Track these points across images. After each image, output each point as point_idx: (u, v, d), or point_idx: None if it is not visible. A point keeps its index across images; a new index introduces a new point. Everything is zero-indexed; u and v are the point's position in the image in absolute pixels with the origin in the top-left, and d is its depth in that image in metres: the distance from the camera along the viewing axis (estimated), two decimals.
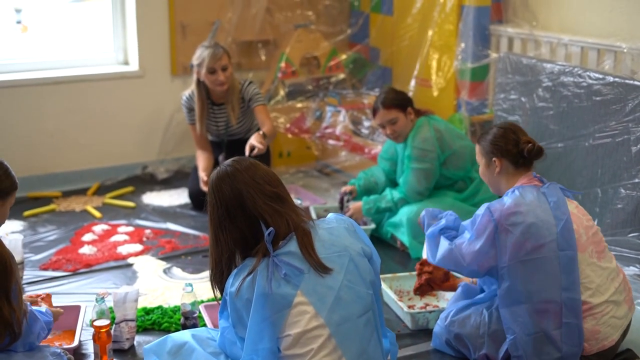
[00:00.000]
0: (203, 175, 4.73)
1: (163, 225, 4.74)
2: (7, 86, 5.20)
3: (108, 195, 5.22)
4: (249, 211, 2.52)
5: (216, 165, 4.40)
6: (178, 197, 5.20)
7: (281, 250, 2.49)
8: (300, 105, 5.67)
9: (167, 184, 5.47)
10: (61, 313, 3.16)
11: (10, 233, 4.13)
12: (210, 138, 5.03)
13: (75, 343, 3.18)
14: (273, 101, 5.64)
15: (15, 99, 5.20)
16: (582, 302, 2.93)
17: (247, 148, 4.39)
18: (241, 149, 4.65)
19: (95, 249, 4.32)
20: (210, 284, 2.67)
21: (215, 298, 2.69)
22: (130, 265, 4.18)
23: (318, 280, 2.46)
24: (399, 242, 4.36)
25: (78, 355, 3.21)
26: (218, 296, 2.65)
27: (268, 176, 2.60)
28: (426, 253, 3.26)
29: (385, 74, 5.82)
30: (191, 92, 4.88)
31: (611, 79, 4.07)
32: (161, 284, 3.94)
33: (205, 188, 4.68)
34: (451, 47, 5.15)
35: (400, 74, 5.63)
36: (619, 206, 3.98)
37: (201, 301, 3.59)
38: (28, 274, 3.98)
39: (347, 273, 2.51)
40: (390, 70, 5.78)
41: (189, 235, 4.59)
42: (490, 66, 5.05)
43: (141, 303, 3.62)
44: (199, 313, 3.40)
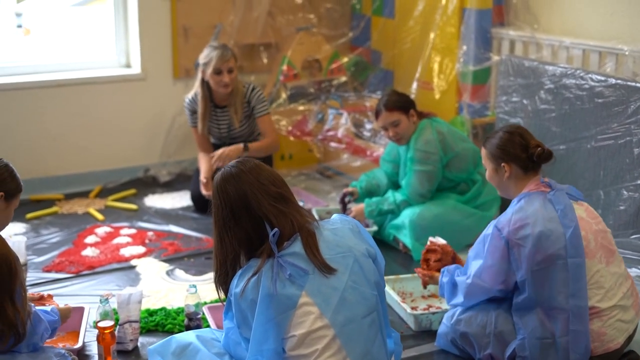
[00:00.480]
0: (203, 178, 4.74)
1: (165, 227, 4.74)
2: (10, 89, 5.21)
3: (110, 197, 5.22)
4: (254, 212, 2.53)
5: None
6: (180, 200, 5.21)
7: (286, 251, 2.49)
8: (302, 108, 5.67)
9: (169, 187, 5.47)
10: (70, 311, 3.16)
11: (13, 235, 4.14)
12: (212, 140, 5.03)
13: (79, 344, 3.18)
14: (275, 104, 5.65)
15: (17, 102, 5.21)
16: (591, 307, 2.93)
17: (214, 165, 4.62)
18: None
19: (98, 251, 4.33)
20: (214, 285, 2.67)
21: (219, 299, 2.69)
22: (133, 267, 4.18)
23: (323, 281, 2.47)
24: (401, 244, 4.36)
25: (82, 356, 3.22)
26: (222, 297, 2.65)
27: (272, 177, 2.60)
28: (447, 298, 3.27)
29: (387, 77, 5.83)
30: (194, 95, 4.88)
31: (613, 81, 4.07)
32: (164, 286, 3.94)
33: (205, 192, 4.69)
34: (453, 50, 5.16)
35: (401, 77, 5.64)
36: (622, 208, 3.99)
37: (204, 302, 3.59)
38: (31, 276, 3.98)
39: (352, 274, 2.51)
40: (391, 73, 5.79)
41: (192, 237, 4.59)
42: (492, 69, 5.06)
43: (144, 305, 3.62)
44: (203, 314, 3.41)
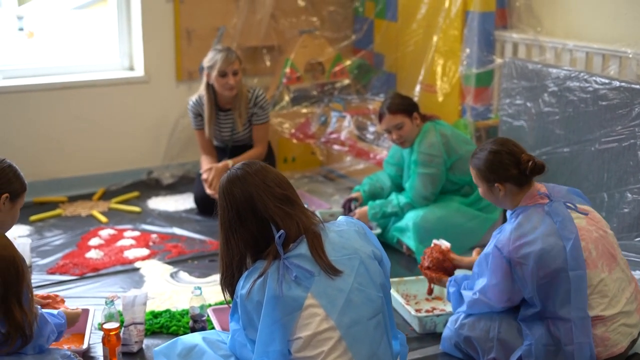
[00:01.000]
0: (205, 175, 4.78)
1: (169, 229, 4.74)
2: (14, 91, 5.21)
3: (114, 200, 5.23)
4: (260, 214, 2.53)
5: None
6: (183, 202, 5.21)
7: (292, 252, 2.50)
8: (305, 110, 5.68)
9: (173, 189, 5.47)
10: (78, 315, 3.16)
11: (17, 237, 4.14)
12: (215, 143, 5.04)
13: (84, 346, 3.19)
14: (278, 106, 5.65)
15: (21, 104, 5.21)
16: (595, 317, 2.92)
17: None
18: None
19: (102, 254, 4.33)
20: (219, 287, 2.68)
21: (225, 301, 2.69)
22: (137, 269, 4.18)
23: (328, 282, 2.47)
24: (405, 247, 4.36)
25: (87, 358, 3.22)
26: (228, 299, 2.65)
27: (278, 179, 2.60)
28: (453, 306, 3.28)
29: (389, 80, 5.83)
30: (198, 97, 4.89)
31: (617, 84, 4.07)
32: (168, 288, 3.94)
33: (209, 191, 4.71)
34: (456, 53, 5.16)
35: (404, 80, 5.64)
36: (625, 210, 3.99)
37: (209, 305, 3.59)
38: (36, 278, 3.98)
39: (358, 276, 2.51)
40: (394, 75, 5.79)
41: (195, 239, 4.59)
42: (495, 71, 5.06)
43: (149, 307, 3.62)
44: (207, 316, 3.41)
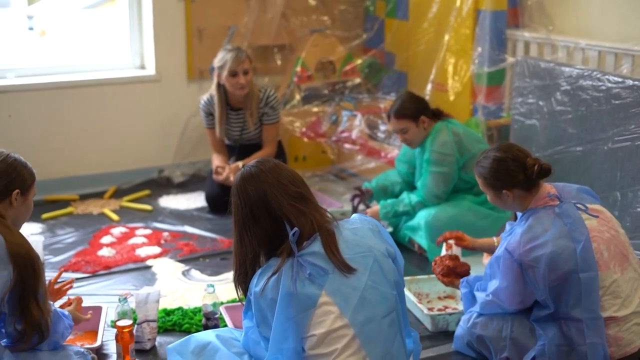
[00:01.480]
0: (216, 167, 4.84)
1: (180, 228, 4.75)
2: (25, 90, 5.22)
3: (125, 198, 5.24)
4: (274, 212, 2.53)
5: None
6: (194, 201, 5.22)
7: (305, 250, 2.49)
8: (316, 109, 5.68)
9: (183, 188, 5.48)
10: (86, 319, 3.16)
11: (30, 235, 4.15)
12: (226, 142, 5.04)
13: (97, 343, 3.20)
14: (289, 105, 5.65)
15: (33, 103, 5.23)
16: (608, 318, 2.91)
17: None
18: (254, 153, 4.81)
19: (114, 251, 4.34)
20: (232, 285, 2.68)
21: (238, 299, 2.68)
22: (149, 267, 4.19)
23: (342, 280, 2.46)
24: (417, 246, 4.36)
25: (100, 355, 3.22)
26: (241, 296, 2.65)
27: (292, 177, 2.60)
28: (465, 307, 3.29)
29: (400, 79, 5.83)
30: (209, 96, 4.90)
31: (630, 82, 4.06)
32: (181, 286, 3.95)
33: (219, 178, 4.73)
34: (467, 52, 5.15)
35: (415, 79, 5.64)
36: (639, 209, 3.98)
37: (221, 302, 3.59)
38: (48, 276, 3.95)
39: (372, 273, 2.51)
40: (405, 74, 5.79)
41: (207, 238, 4.60)
42: (506, 70, 5.05)
43: (161, 304, 3.62)
44: (220, 314, 3.41)
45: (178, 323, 3.52)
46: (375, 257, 2.53)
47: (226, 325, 3.34)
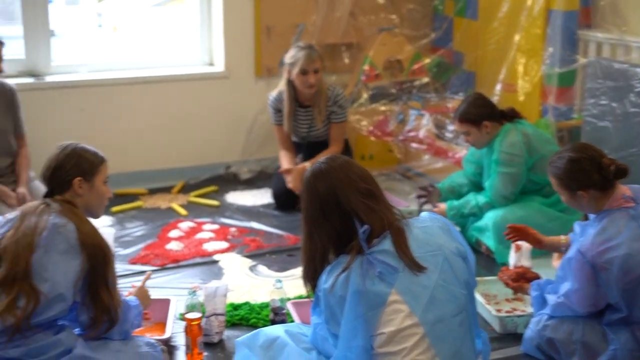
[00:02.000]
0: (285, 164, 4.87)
1: (247, 224, 4.78)
2: (96, 85, 5.33)
3: (192, 193, 5.29)
4: (344, 208, 2.52)
5: None
6: (261, 197, 5.25)
7: (375, 248, 2.48)
8: (383, 108, 5.67)
9: (250, 184, 5.52)
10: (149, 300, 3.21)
11: (102, 227, 4.21)
12: (293, 139, 5.07)
13: (167, 335, 3.24)
14: (356, 104, 5.66)
15: (103, 98, 5.32)
16: None
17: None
18: (321, 151, 4.79)
19: (182, 245, 4.39)
20: (298, 281, 2.69)
21: (306, 294, 2.69)
22: (216, 262, 4.23)
23: (412, 279, 2.45)
24: (484, 247, 4.32)
25: (169, 347, 3.26)
26: (309, 292, 2.66)
27: (362, 174, 2.61)
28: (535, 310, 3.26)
29: (469, 78, 5.78)
30: (278, 93, 4.93)
31: None
32: (247, 281, 3.97)
33: (289, 185, 4.76)
34: (538, 52, 5.09)
35: (484, 78, 5.58)
36: None
37: (288, 298, 3.61)
38: (118, 268, 3.98)
39: (442, 272, 2.49)
40: (474, 74, 5.74)
41: (273, 234, 4.62)
42: (577, 71, 4.98)
43: (228, 299, 3.63)
44: (287, 310, 3.42)
45: (245, 317, 3.54)
46: (445, 256, 2.51)
47: (293, 321, 3.35)
